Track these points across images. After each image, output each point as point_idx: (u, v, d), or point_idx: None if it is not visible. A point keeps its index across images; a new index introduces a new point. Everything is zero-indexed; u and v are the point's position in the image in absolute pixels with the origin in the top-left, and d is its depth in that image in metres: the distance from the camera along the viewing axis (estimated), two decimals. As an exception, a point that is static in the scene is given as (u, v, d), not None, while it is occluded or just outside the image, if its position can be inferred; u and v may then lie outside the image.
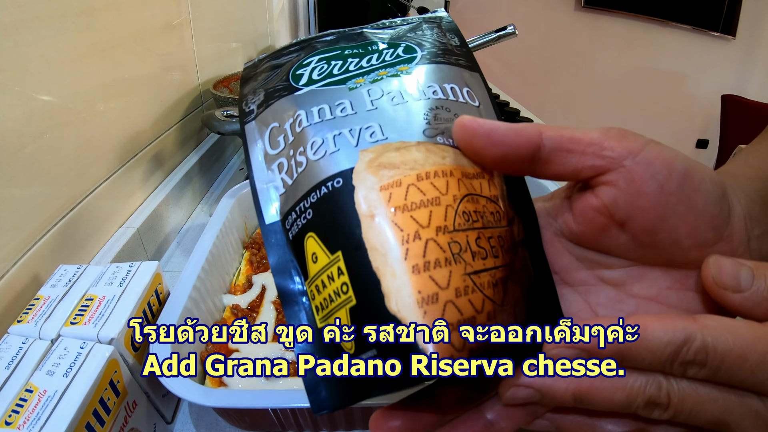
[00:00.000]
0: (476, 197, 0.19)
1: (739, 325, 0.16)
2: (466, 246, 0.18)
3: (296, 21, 1.62)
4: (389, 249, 0.18)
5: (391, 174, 0.19)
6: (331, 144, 0.20)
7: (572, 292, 0.23)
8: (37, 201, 0.40)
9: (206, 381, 0.36)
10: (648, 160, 0.18)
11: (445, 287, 0.18)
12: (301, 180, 0.21)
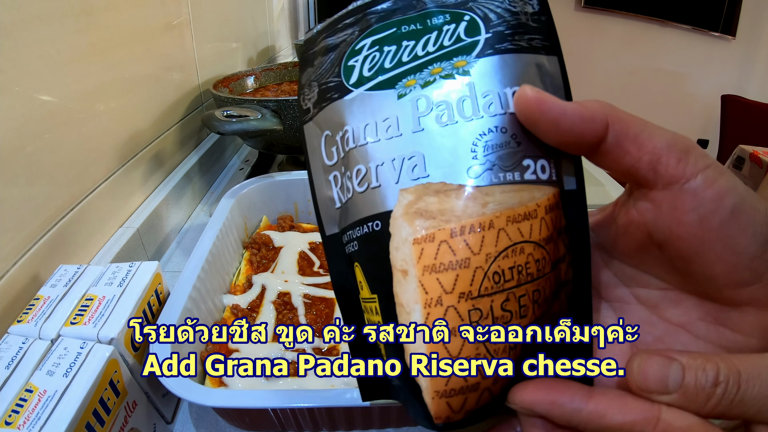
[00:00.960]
0: (520, 246, 0.18)
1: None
2: (488, 312, 0.19)
3: (296, 21, 1.62)
4: (412, 311, 0.19)
5: (426, 225, 0.18)
6: (373, 177, 0.20)
7: (607, 307, 0.23)
8: (37, 201, 0.39)
9: (206, 381, 0.36)
10: (697, 191, 0.17)
11: (456, 356, 0.19)
12: (350, 207, 0.21)
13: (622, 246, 0.21)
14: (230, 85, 0.76)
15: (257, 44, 1.12)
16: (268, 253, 0.51)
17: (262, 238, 0.52)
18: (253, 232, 0.54)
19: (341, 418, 0.34)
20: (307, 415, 0.32)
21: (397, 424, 0.36)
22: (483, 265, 0.18)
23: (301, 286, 0.46)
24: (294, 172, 0.56)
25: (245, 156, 0.88)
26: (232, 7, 0.93)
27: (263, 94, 0.80)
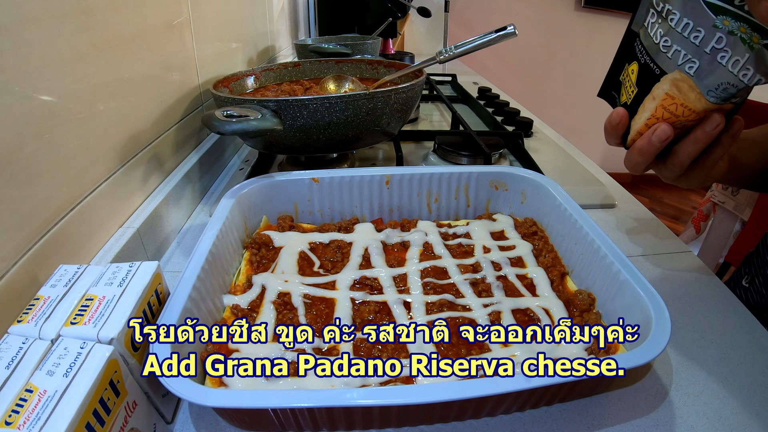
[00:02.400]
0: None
1: None
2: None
3: (296, 21, 1.62)
4: (646, 110, 0.38)
5: (673, 93, 0.35)
6: (684, 47, 0.34)
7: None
8: (37, 201, 0.39)
9: (206, 381, 0.36)
10: None
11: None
12: (664, 39, 0.36)
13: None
14: (230, 85, 0.76)
15: (257, 44, 1.12)
16: (268, 253, 0.51)
17: (262, 238, 0.52)
18: (253, 232, 0.54)
19: (341, 418, 0.34)
20: (307, 415, 0.32)
21: (397, 424, 0.36)
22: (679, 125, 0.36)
23: (301, 286, 0.46)
24: (294, 172, 0.56)
25: (245, 156, 0.88)
26: (232, 7, 0.93)
27: (263, 94, 0.80)
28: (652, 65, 0.37)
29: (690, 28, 0.33)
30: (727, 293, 0.53)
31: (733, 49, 0.32)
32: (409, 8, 1.66)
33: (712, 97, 0.34)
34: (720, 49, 0.32)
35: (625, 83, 0.40)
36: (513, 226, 0.56)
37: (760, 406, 0.39)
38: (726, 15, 0.31)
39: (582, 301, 0.44)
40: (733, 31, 0.31)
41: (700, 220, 1.57)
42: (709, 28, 0.32)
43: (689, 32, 0.33)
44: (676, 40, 0.34)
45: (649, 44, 0.36)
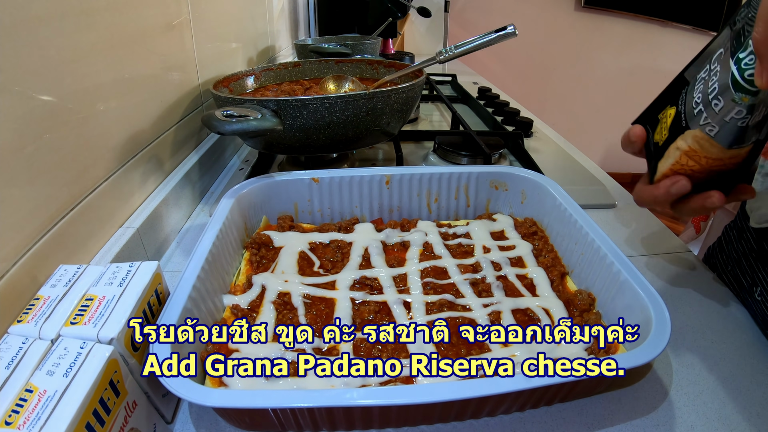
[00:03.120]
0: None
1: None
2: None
3: (296, 21, 1.62)
4: (671, 156, 0.38)
5: (688, 151, 0.36)
6: (705, 102, 0.35)
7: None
8: (37, 201, 0.39)
9: (206, 381, 0.36)
10: None
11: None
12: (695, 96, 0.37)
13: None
14: (230, 85, 0.76)
15: (257, 44, 1.12)
16: (268, 253, 0.51)
17: (262, 238, 0.52)
18: (253, 232, 0.54)
19: (341, 418, 0.34)
20: (307, 415, 0.32)
21: (397, 424, 0.36)
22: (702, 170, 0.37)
23: (301, 286, 0.46)
24: (294, 172, 0.56)
25: (245, 156, 0.88)
26: (232, 7, 0.93)
27: (263, 94, 0.80)
28: (683, 116, 0.37)
29: (713, 95, 0.34)
30: (727, 293, 0.53)
31: (752, 115, 0.33)
32: (409, 8, 1.66)
33: (734, 147, 0.35)
34: (739, 119, 0.33)
35: (661, 123, 0.40)
36: (513, 226, 0.56)
37: (760, 406, 0.39)
38: (744, 93, 0.32)
39: (582, 301, 0.44)
40: (753, 105, 0.32)
41: (700, 220, 1.57)
42: (728, 101, 0.33)
43: (712, 98, 0.34)
44: (703, 102, 0.35)
45: (689, 97, 0.37)
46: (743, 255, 0.55)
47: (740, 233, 0.56)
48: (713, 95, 0.34)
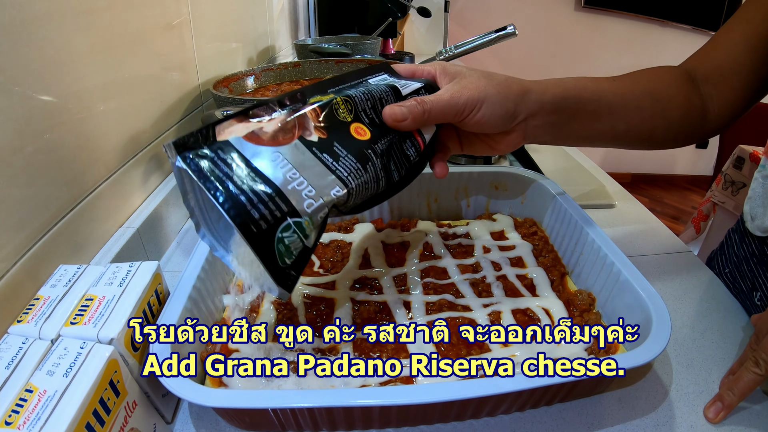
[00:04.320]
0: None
1: None
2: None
3: (296, 21, 1.62)
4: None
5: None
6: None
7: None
8: (37, 201, 0.39)
9: (206, 381, 0.36)
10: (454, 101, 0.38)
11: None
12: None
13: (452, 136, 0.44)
14: (230, 85, 0.76)
15: (257, 44, 1.12)
16: (268, 253, 0.51)
17: (262, 238, 0.52)
18: (253, 232, 0.54)
19: (341, 418, 0.34)
20: (307, 415, 0.32)
21: (396, 424, 0.36)
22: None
23: (301, 286, 0.46)
24: (294, 172, 0.56)
25: (245, 156, 0.88)
26: (232, 7, 0.93)
27: (263, 94, 0.80)
28: None
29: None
30: (727, 293, 0.53)
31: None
32: (409, 8, 1.66)
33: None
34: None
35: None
36: (513, 226, 0.56)
37: (759, 406, 0.39)
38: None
39: (582, 301, 0.44)
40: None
41: (700, 220, 1.57)
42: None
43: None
44: None
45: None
46: (744, 259, 0.55)
47: (742, 237, 0.56)
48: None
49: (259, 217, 0.29)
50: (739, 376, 0.38)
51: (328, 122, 0.34)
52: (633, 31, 2.84)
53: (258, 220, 0.29)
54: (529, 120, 0.40)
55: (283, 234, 0.30)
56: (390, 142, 0.36)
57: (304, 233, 0.31)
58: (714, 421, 0.37)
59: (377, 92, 0.37)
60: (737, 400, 0.37)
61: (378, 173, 0.35)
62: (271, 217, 0.29)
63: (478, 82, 0.38)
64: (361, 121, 0.36)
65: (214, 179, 0.29)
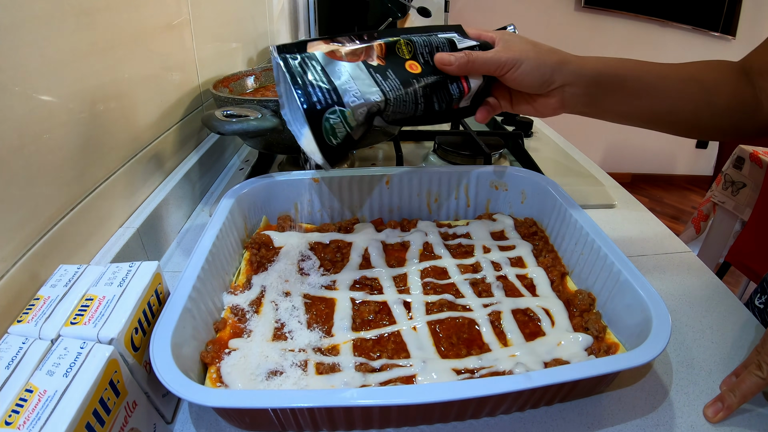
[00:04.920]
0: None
1: None
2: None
3: (296, 21, 1.62)
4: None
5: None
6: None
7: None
8: (37, 201, 0.39)
9: (206, 381, 0.36)
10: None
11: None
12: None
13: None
14: (230, 85, 0.76)
15: (257, 44, 1.12)
16: (268, 253, 0.51)
17: (262, 238, 0.52)
18: (253, 232, 0.54)
19: (341, 418, 0.34)
20: (307, 415, 0.32)
21: (396, 424, 0.36)
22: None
23: (301, 285, 0.46)
24: (294, 172, 0.56)
25: (245, 156, 0.88)
26: (232, 7, 0.93)
27: (263, 94, 0.80)
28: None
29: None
30: (727, 293, 0.53)
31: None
32: (409, 8, 1.66)
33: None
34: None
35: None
36: (513, 226, 0.56)
37: (759, 406, 0.39)
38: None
39: (582, 301, 0.44)
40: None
41: (700, 220, 1.57)
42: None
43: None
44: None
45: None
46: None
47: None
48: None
49: (316, 100, 0.41)
50: (743, 379, 0.38)
51: (389, 55, 0.45)
52: (633, 31, 2.84)
53: (315, 102, 0.41)
54: (566, 88, 0.45)
55: (330, 116, 0.42)
56: (436, 80, 0.46)
57: (346, 120, 0.42)
58: (712, 420, 0.37)
59: (436, 41, 0.47)
60: (738, 403, 0.37)
61: (418, 98, 0.45)
62: (324, 102, 0.41)
63: (522, 46, 0.45)
64: (416, 60, 0.46)
65: (296, 73, 0.42)
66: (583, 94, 0.45)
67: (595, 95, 0.45)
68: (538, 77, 0.44)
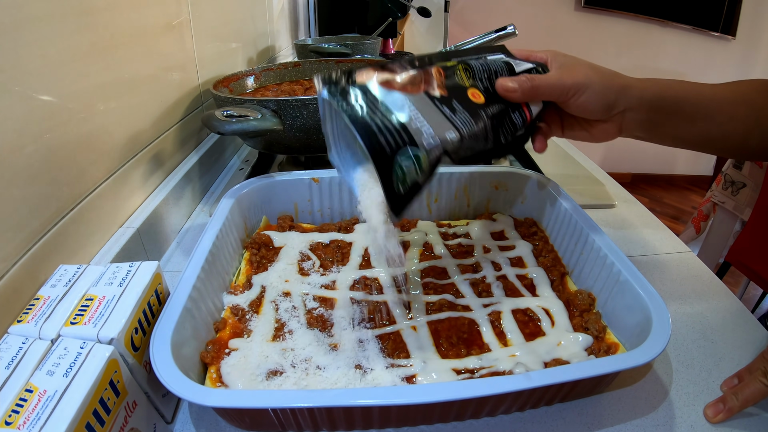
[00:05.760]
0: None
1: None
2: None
3: (296, 21, 1.62)
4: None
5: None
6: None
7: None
8: (37, 201, 0.39)
9: (206, 381, 0.36)
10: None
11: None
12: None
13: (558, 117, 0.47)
14: (230, 85, 0.76)
15: (257, 44, 1.12)
16: (268, 253, 0.51)
17: (262, 238, 0.52)
18: (253, 232, 0.54)
19: (341, 418, 0.34)
20: (307, 415, 0.32)
21: (396, 424, 0.36)
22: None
23: (301, 285, 0.46)
24: (294, 172, 0.56)
25: (245, 156, 0.88)
26: (232, 7, 0.93)
27: (263, 94, 0.80)
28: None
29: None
30: (728, 293, 0.53)
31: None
32: (409, 8, 1.66)
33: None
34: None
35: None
36: (513, 226, 0.56)
37: (759, 406, 0.39)
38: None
39: (582, 301, 0.44)
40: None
41: (700, 220, 1.57)
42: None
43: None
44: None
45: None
46: None
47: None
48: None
49: (384, 142, 0.33)
50: (747, 384, 0.38)
51: (449, 83, 0.40)
52: (633, 31, 2.84)
53: (384, 145, 0.33)
54: (626, 113, 0.43)
55: (402, 159, 0.34)
56: (500, 110, 0.41)
57: (419, 164, 0.35)
58: (712, 420, 0.37)
59: (494, 65, 0.43)
60: (739, 407, 0.37)
61: (487, 132, 0.40)
62: (395, 143, 0.34)
63: (585, 70, 0.42)
64: (477, 88, 0.41)
65: (353, 110, 0.34)
66: (644, 120, 0.44)
67: (654, 121, 0.44)
68: (603, 103, 0.42)
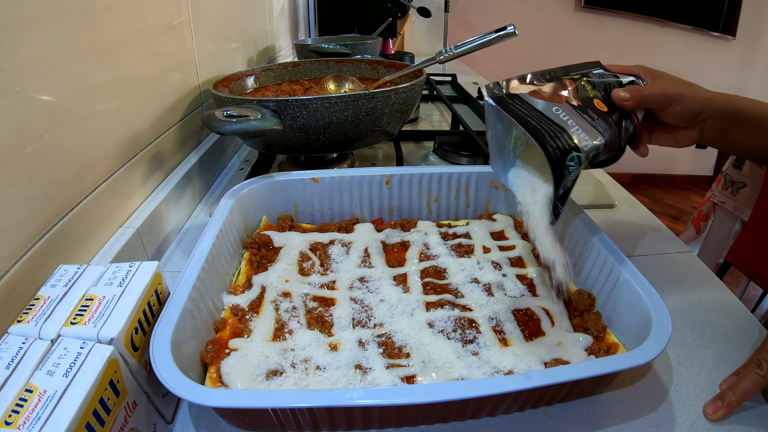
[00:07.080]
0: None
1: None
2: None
3: (296, 21, 1.62)
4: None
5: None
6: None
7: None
8: (37, 201, 0.39)
9: (206, 381, 0.36)
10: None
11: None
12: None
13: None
14: (230, 85, 0.76)
15: (257, 44, 1.12)
16: (268, 253, 0.51)
17: (262, 238, 0.52)
18: (253, 232, 0.54)
19: (341, 418, 0.34)
20: (307, 415, 0.32)
21: (396, 424, 0.36)
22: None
23: (301, 285, 0.46)
24: (294, 172, 0.56)
25: (245, 156, 0.88)
26: (232, 7, 0.93)
27: (263, 94, 0.80)
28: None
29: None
30: (727, 293, 0.53)
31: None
32: (409, 8, 1.66)
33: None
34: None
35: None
36: (513, 226, 0.56)
37: (759, 406, 0.39)
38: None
39: (582, 301, 0.44)
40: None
41: (700, 220, 1.57)
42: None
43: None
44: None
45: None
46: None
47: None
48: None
49: (556, 146, 0.36)
50: (742, 378, 0.38)
51: (581, 94, 0.43)
52: (633, 31, 2.84)
53: (555, 148, 0.36)
54: (707, 121, 0.48)
55: (569, 163, 0.37)
56: (619, 118, 0.45)
57: (581, 166, 0.38)
58: (712, 418, 0.37)
59: (605, 78, 0.47)
60: (737, 401, 0.37)
61: (615, 138, 0.42)
62: (564, 147, 0.37)
63: (679, 82, 0.47)
64: (599, 98, 0.44)
65: (522, 116, 0.38)
66: (718, 129, 0.48)
67: (726, 130, 0.49)
68: (694, 111, 0.47)
